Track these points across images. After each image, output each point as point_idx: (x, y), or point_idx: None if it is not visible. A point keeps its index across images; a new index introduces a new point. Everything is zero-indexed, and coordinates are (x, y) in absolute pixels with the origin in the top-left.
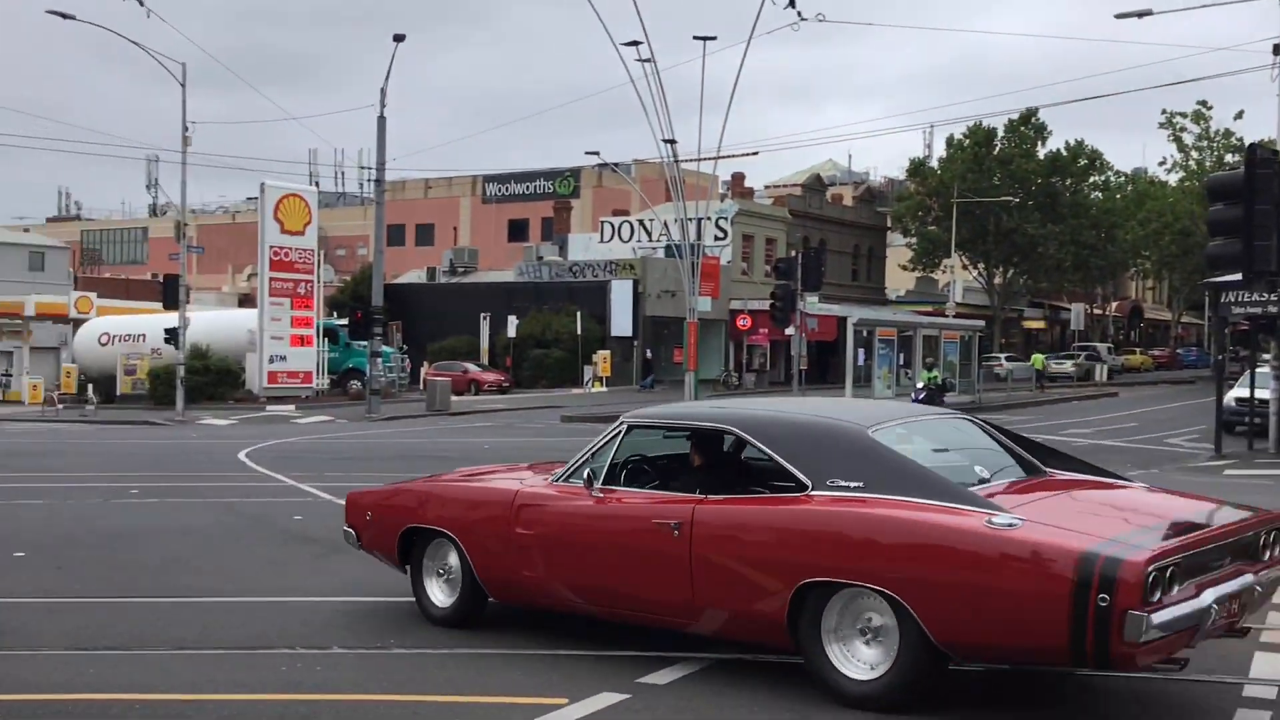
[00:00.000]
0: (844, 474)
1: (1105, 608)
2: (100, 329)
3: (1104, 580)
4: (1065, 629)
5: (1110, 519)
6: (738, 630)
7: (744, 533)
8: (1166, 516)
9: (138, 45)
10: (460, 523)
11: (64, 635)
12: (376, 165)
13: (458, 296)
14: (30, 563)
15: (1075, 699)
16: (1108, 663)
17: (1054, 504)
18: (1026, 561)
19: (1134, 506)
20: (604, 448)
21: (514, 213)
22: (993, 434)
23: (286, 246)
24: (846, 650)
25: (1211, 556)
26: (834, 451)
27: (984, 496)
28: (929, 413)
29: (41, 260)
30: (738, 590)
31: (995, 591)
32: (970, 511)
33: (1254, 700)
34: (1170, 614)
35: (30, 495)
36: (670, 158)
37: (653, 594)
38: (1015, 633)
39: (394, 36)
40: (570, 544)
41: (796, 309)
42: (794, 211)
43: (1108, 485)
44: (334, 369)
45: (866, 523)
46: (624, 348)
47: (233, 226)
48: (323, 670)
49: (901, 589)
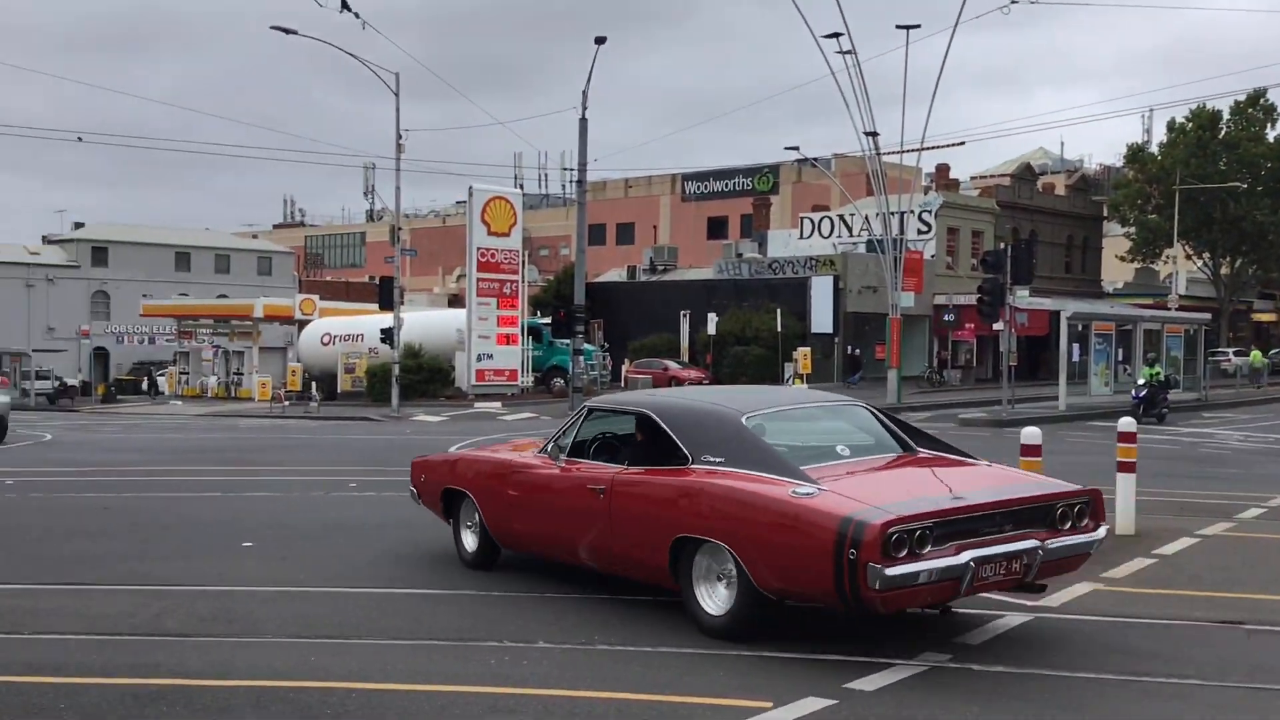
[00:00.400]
0: (713, 451)
1: (854, 560)
2: (322, 330)
3: (854, 539)
4: (831, 577)
5: (900, 490)
6: (641, 574)
7: (641, 496)
8: (956, 490)
9: (354, 57)
10: (476, 485)
11: (287, 623)
12: (578, 166)
13: (658, 294)
14: (257, 552)
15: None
16: (860, 605)
17: (872, 478)
18: (807, 523)
19: (940, 481)
20: (570, 428)
21: (713, 210)
22: (881, 420)
23: (493, 248)
24: (709, 591)
25: (981, 524)
26: (710, 433)
27: (808, 471)
28: (821, 400)
29: (269, 265)
30: (637, 541)
31: (788, 546)
32: (786, 483)
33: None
34: (913, 568)
35: (259, 488)
36: (872, 151)
37: (587, 542)
38: (803, 579)
39: (595, 39)
40: (539, 503)
41: (1005, 303)
42: (1002, 202)
43: (946, 462)
44: (538, 367)
45: (716, 491)
46: (824, 344)
47: (443, 229)
48: (529, 664)
49: (734, 543)
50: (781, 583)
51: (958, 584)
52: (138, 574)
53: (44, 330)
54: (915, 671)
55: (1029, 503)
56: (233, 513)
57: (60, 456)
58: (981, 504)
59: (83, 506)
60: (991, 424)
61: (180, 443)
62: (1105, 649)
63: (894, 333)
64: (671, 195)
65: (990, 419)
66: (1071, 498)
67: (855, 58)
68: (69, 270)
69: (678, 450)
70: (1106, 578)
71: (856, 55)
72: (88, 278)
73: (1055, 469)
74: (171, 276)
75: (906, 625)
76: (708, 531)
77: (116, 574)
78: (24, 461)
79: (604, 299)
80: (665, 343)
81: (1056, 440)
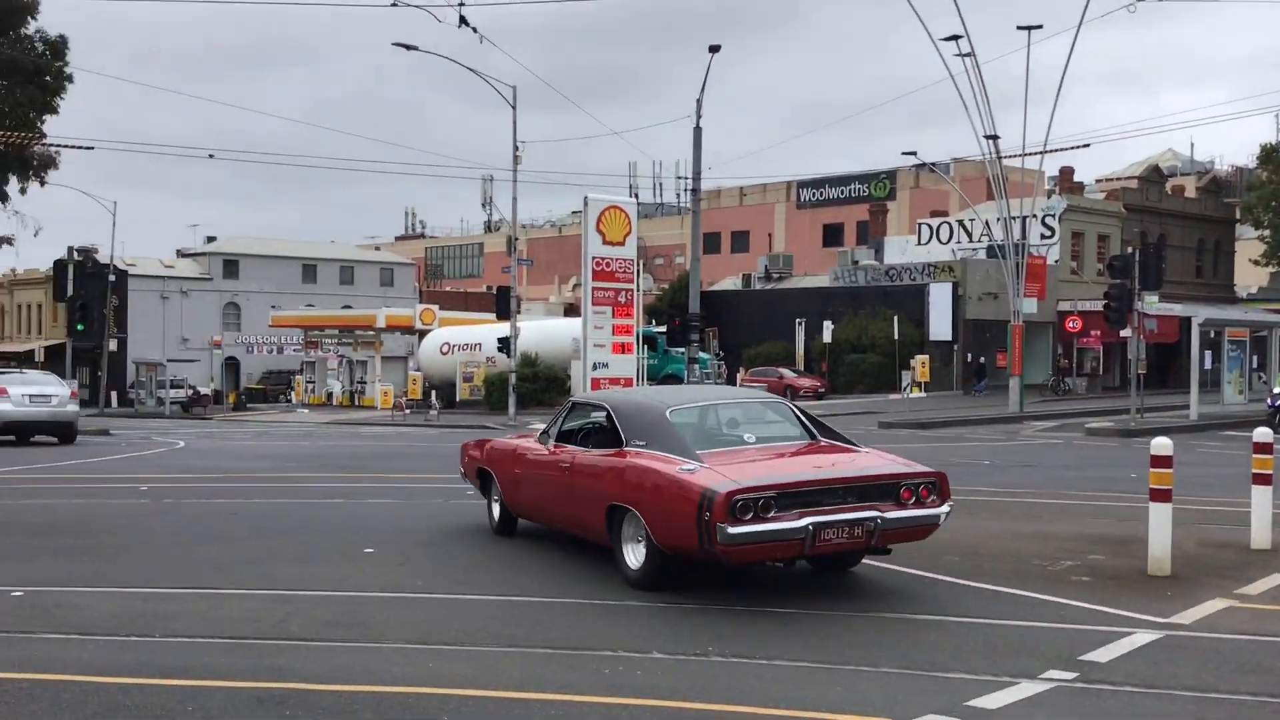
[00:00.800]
0: (640, 437)
1: (708, 521)
2: (442, 339)
3: (708, 505)
4: (695, 535)
5: (767, 469)
6: (590, 535)
7: (589, 473)
8: (816, 469)
9: (473, 71)
10: (496, 465)
11: (406, 628)
12: (692, 175)
13: (772, 302)
14: (378, 558)
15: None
16: (715, 557)
17: (753, 460)
18: (682, 493)
19: (809, 463)
20: (558, 418)
21: (828, 217)
22: (796, 414)
23: (608, 257)
24: (631, 550)
25: (825, 496)
26: (641, 422)
27: (703, 454)
28: (747, 397)
29: (391, 276)
30: (587, 508)
31: (672, 511)
32: (680, 462)
33: None
34: (756, 528)
35: (380, 494)
36: (992, 154)
37: (558, 509)
38: (680, 537)
39: (709, 48)
40: (533, 478)
41: (1133, 309)
42: (1129, 206)
43: (830, 449)
44: (653, 375)
45: (633, 468)
46: (943, 352)
47: (559, 239)
48: (643, 675)
49: (641, 509)
50: (669, 540)
51: (800, 543)
52: (264, 578)
53: (179, 341)
54: (1040, 690)
55: (872, 480)
56: (355, 518)
57: (192, 463)
58: (826, 479)
59: (212, 512)
60: (1119, 434)
61: (306, 450)
62: (1240, 669)
63: (1016, 340)
64: (786, 203)
65: (1118, 429)
66: (916, 478)
67: (974, 60)
68: (202, 283)
69: (619, 436)
70: (1241, 594)
71: (976, 58)
72: (220, 290)
73: (1186, 481)
74: (299, 288)
75: (1030, 641)
76: (627, 500)
77: (243, 578)
78: (157, 468)
79: (719, 307)
80: (780, 351)
81: (1188, 451)
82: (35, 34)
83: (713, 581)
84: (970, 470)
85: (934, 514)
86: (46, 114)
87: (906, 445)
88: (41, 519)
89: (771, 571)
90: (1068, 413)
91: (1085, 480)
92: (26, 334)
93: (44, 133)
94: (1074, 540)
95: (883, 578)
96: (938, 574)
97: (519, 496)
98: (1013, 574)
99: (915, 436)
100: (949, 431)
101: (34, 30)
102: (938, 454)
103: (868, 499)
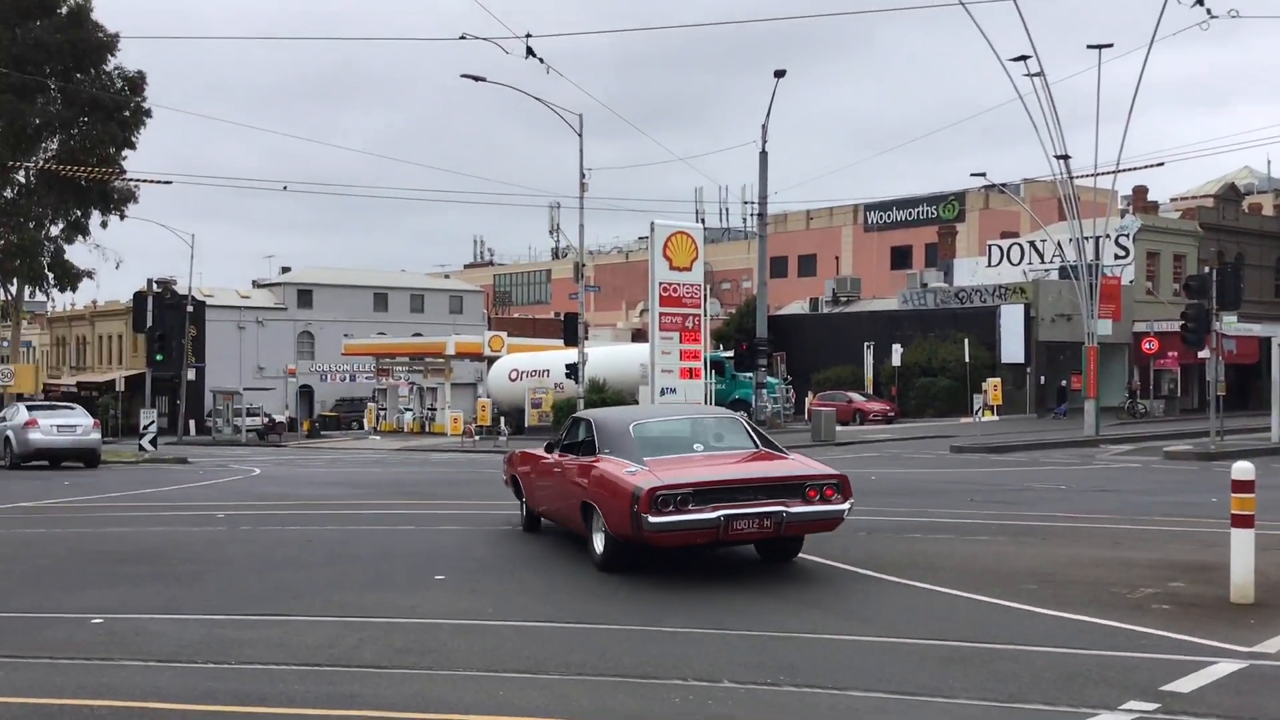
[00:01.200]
0: (608, 446)
1: (636, 512)
2: (510, 365)
3: (636, 499)
4: (629, 524)
5: (696, 472)
6: (572, 526)
7: (572, 475)
8: (732, 471)
9: (540, 101)
10: (520, 471)
11: (477, 656)
12: (758, 200)
13: (840, 326)
14: (449, 585)
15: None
16: (644, 541)
17: (688, 465)
18: (622, 490)
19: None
20: (564, 431)
21: (896, 240)
22: (745, 427)
23: (675, 282)
24: (598, 539)
25: (738, 493)
26: (610, 434)
27: (649, 460)
28: (704, 413)
29: (460, 303)
30: (571, 505)
31: (615, 505)
32: (628, 465)
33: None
34: (673, 519)
35: (450, 521)
36: (1063, 174)
37: (556, 507)
38: (621, 526)
39: (774, 72)
40: (542, 482)
41: (1211, 329)
42: (1205, 224)
43: (761, 456)
44: (721, 400)
45: (595, 471)
46: (1015, 375)
47: (625, 265)
48: (714, 704)
49: (599, 505)
50: (615, 529)
51: (714, 531)
52: (337, 605)
53: (254, 369)
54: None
55: (780, 480)
56: (426, 545)
57: (267, 490)
58: (737, 479)
59: (287, 539)
60: (1199, 457)
61: (377, 476)
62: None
63: (1090, 362)
64: (854, 226)
65: (1197, 452)
66: (820, 479)
67: (1044, 80)
68: (277, 312)
69: (594, 445)
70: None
71: (1045, 77)
72: (294, 319)
73: (1269, 505)
74: (370, 316)
75: (1109, 671)
76: (591, 498)
77: (317, 605)
78: (234, 495)
79: (786, 331)
80: (849, 374)
81: (1271, 474)
82: (114, 70)
83: (785, 608)
84: (1046, 496)
85: (837, 509)
86: (125, 149)
87: (978, 470)
88: (121, 546)
89: (841, 599)
90: (1145, 435)
91: (1165, 505)
92: (108, 364)
93: (123, 168)
94: (1154, 567)
95: (956, 605)
96: (1014, 602)
97: (534, 498)
98: (1091, 602)
99: (987, 461)
100: (1023, 455)
101: (113, 67)
102: (1011, 478)
103: (775, 496)
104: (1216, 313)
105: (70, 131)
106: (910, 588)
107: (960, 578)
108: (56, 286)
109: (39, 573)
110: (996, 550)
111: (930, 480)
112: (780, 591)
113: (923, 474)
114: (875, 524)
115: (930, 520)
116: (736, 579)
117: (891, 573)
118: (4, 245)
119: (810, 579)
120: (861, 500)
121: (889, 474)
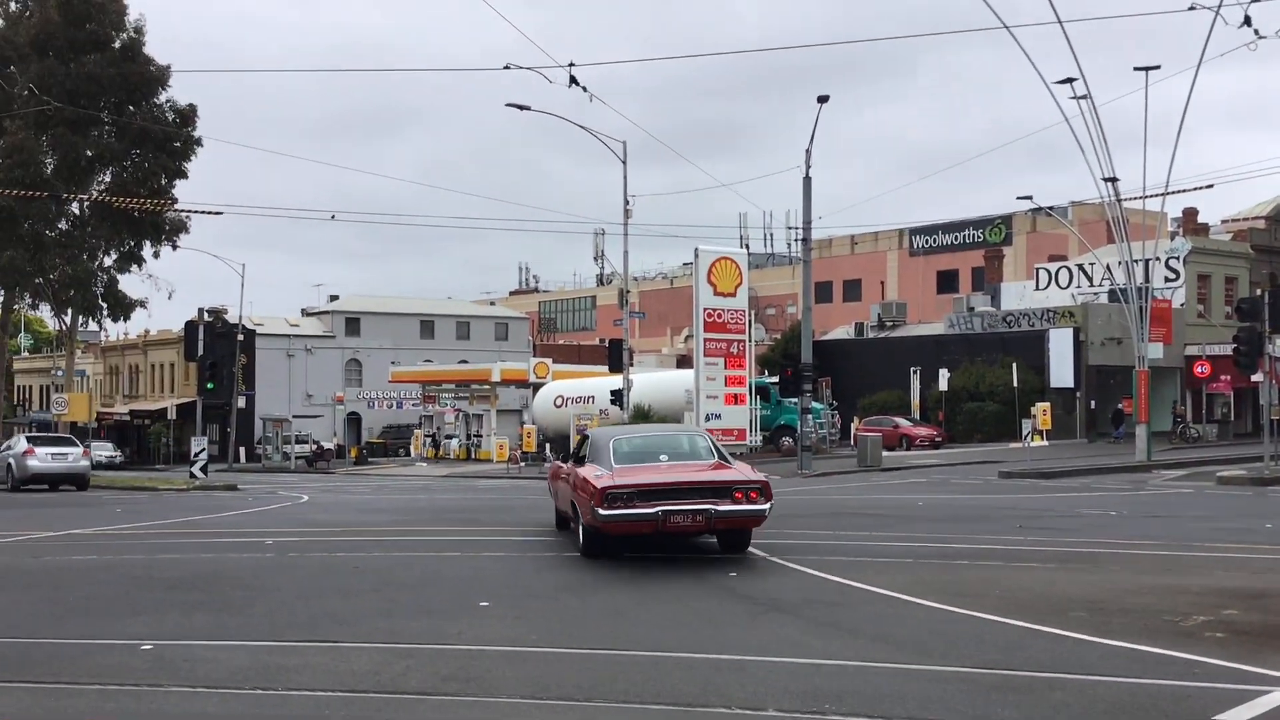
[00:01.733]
0: (593, 458)
1: (594, 507)
2: (555, 392)
3: (593, 496)
4: (590, 516)
5: (647, 477)
6: (573, 522)
7: (571, 480)
8: (675, 476)
9: (584, 128)
10: (551, 481)
11: (521, 683)
12: (803, 225)
13: (886, 351)
14: (494, 611)
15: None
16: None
17: (646, 471)
18: (590, 489)
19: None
20: (577, 445)
21: (942, 264)
22: (708, 443)
23: (719, 308)
24: (580, 530)
25: (676, 493)
26: (596, 447)
27: (618, 467)
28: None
29: (505, 330)
30: (569, 502)
31: (584, 502)
32: (599, 470)
33: None
34: (619, 512)
35: (495, 548)
36: (1112, 197)
37: (565, 504)
38: (589, 518)
39: (818, 98)
40: (560, 487)
41: (1264, 353)
42: (1257, 246)
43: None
44: (766, 426)
45: (578, 476)
46: (1064, 399)
47: (670, 291)
48: None
49: (577, 502)
50: (587, 520)
51: (654, 522)
52: (384, 632)
53: (303, 397)
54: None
55: (711, 484)
56: (471, 571)
57: (315, 517)
58: (674, 482)
59: (334, 565)
60: (1253, 482)
61: (424, 503)
62: None
63: (1141, 386)
64: (899, 250)
65: (1251, 477)
66: (746, 483)
67: (1091, 102)
68: (325, 340)
69: (584, 456)
70: None
71: (1092, 99)
72: (342, 347)
73: None
74: (417, 344)
75: (1161, 700)
76: (575, 497)
77: (365, 631)
78: (282, 522)
79: (831, 357)
80: (895, 399)
81: None
82: (166, 103)
83: (829, 634)
84: (1097, 522)
85: (759, 509)
86: (177, 179)
87: (1027, 496)
88: (171, 573)
89: (886, 627)
90: (1198, 460)
91: (1218, 531)
92: (159, 393)
93: (175, 198)
94: (1206, 594)
95: (1002, 632)
96: (1063, 630)
97: (557, 499)
98: (1142, 630)
99: (1037, 487)
100: (1074, 481)
101: (164, 100)
102: (1061, 504)
103: (707, 496)
104: (1270, 335)
105: (123, 163)
106: (955, 614)
107: (1008, 605)
108: (110, 316)
109: (91, 600)
110: (1045, 577)
111: (978, 506)
112: (825, 619)
113: (970, 500)
114: (921, 550)
115: (978, 547)
116: (783, 609)
117: (936, 599)
118: (59, 276)
119: (852, 606)
120: (908, 527)
121: (936, 500)
